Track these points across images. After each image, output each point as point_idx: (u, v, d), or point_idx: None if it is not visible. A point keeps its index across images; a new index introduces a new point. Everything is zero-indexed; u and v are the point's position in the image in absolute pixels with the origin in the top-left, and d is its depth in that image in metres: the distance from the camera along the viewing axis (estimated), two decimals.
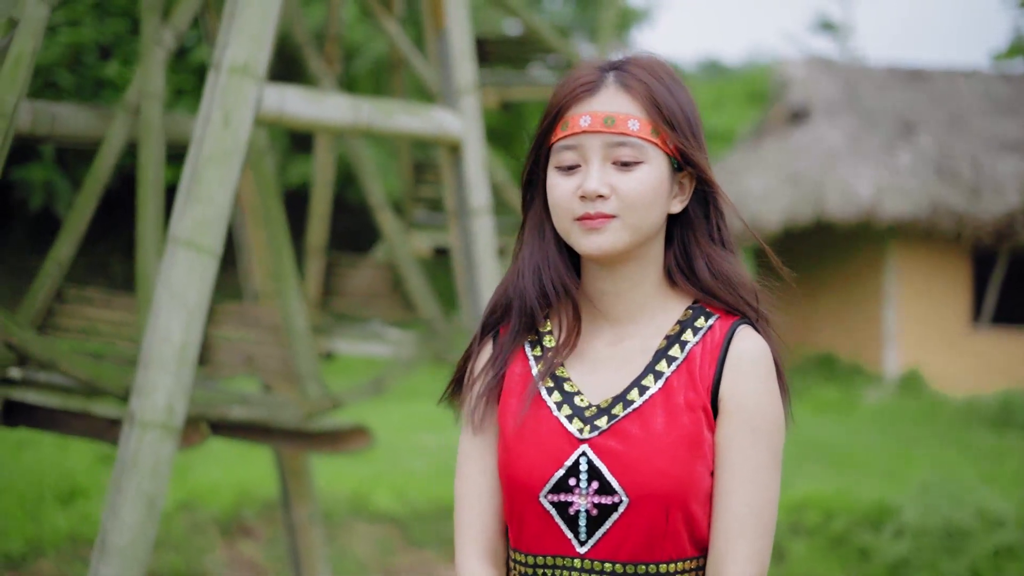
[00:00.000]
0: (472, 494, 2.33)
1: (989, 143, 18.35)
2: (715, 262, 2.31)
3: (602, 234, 2.22)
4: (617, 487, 2.18)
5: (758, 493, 2.20)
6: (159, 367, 4.32)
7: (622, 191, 2.21)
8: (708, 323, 2.28)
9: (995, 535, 8.73)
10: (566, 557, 2.22)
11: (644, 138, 2.22)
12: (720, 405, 2.23)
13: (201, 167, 4.45)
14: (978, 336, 18.12)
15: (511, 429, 2.27)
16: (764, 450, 2.22)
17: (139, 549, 4.26)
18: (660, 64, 2.29)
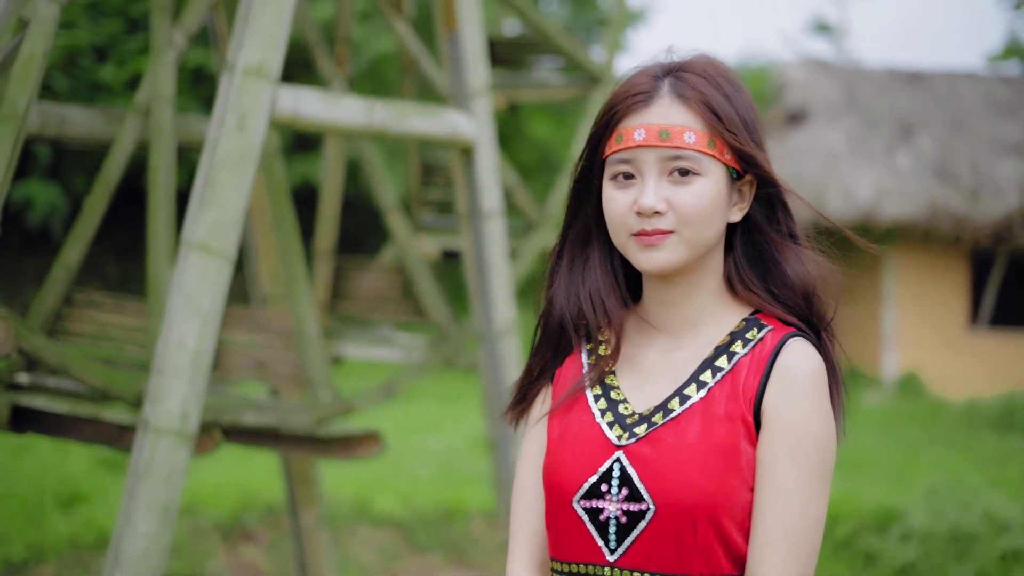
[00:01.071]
0: (524, 501, 2.32)
1: (988, 145, 18.35)
2: (788, 262, 2.26)
3: (659, 251, 2.18)
4: (645, 494, 2.14)
5: (793, 513, 2.13)
6: (173, 373, 4.25)
7: (679, 206, 2.16)
8: (760, 335, 2.23)
9: (1002, 539, 8.68)
10: (597, 565, 2.19)
11: (700, 151, 2.17)
12: (762, 419, 2.17)
13: (215, 170, 4.38)
14: (976, 338, 18.11)
15: (555, 435, 2.25)
16: (805, 469, 2.14)
17: (153, 558, 4.19)
18: (716, 68, 2.24)
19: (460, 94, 5.67)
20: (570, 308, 2.31)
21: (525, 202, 7.36)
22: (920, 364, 17.58)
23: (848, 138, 18.30)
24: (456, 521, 9.48)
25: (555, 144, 19.89)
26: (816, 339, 2.25)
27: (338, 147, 7.32)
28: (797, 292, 2.26)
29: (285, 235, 5.46)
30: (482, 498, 9.66)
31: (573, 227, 2.33)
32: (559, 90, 7.95)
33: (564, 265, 2.33)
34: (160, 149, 4.86)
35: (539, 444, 2.31)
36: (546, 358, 2.35)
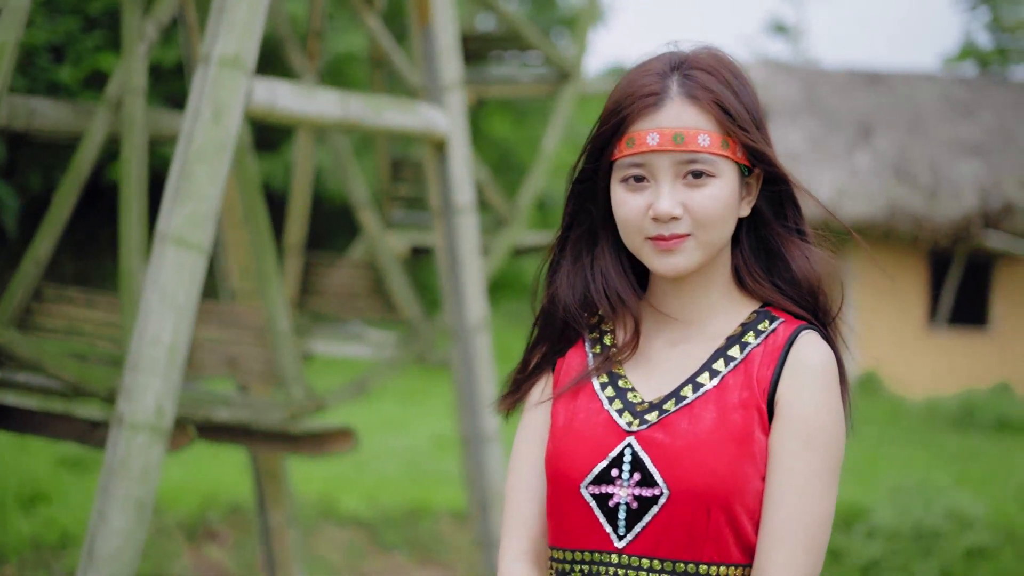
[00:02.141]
0: (520, 490, 2.28)
1: (946, 146, 18.47)
2: (793, 258, 2.25)
3: (677, 255, 2.16)
4: (658, 479, 2.12)
5: (805, 504, 2.10)
6: (148, 368, 4.20)
7: (695, 209, 2.14)
8: (772, 326, 2.21)
9: (966, 536, 8.74)
10: (604, 552, 2.16)
11: (715, 153, 2.14)
12: (776, 409, 2.15)
13: (190, 162, 4.33)
14: (935, 337, 18.23)
15: (561, 422, 2.22)
16: (817, 461, 2.13)
17: (128, 556, 4.13)
18: (722, 61, 2.21)
19: (433, 88, 5.64)
20: (575, 300, 2.28)
21: (495, 198, 7.32)
22: (880, 363, 17.68)
23: (808, 138, 18.38)
24: (423, 520, 9.45)
25: (516, 143, 19.86)
26: (823, 333, 2.24)
27: (308, 142, 7.27)
28: (803, 287, 2.25)
29: (257, 230, 5.40)
30: (448, 497, 9.63)
31: (575, 227, 2.30)
32: (528, 86, 7.93)
33: (567, 261, 2.30)
34: (131, 142, 4.79)
35: (539, 432, 2.28)
36: (544, 351, 2.32)
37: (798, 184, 2.25)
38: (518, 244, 7.48)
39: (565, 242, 2.31)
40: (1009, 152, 18.55)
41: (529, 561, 2.26)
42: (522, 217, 7.32)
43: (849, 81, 19.70)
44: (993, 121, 19.19)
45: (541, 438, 2.28)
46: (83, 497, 8.86)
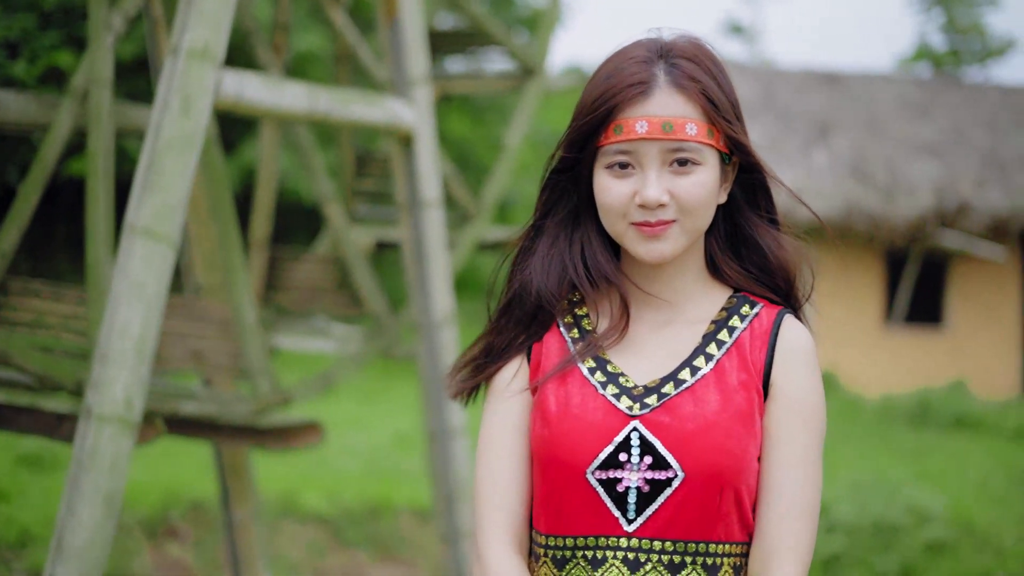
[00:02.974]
0: (499, 478, 2.26)
1: (903, 146, 18.62)
2: (766, 245, 2.29)
3: (662, 241, 2.19)
4: (672, 461, 2.14)
5: (807, 481, 2.18)
6: (117, 360, 4.17)
7: (680, 196, 2.17)
8: (754, 311, 2.27)
9: (925, 531, 8.81)
10: (611, 536, 2.16)
11: (702, 141, 2.17)
12: (771, 391, 2.21)
13: (159, 154, 4.31)
14: (891, 336, 18.36)
15: (554, 407, 2.21)
16: (813, 440, 2.20)
17: (97, 549, 4.11)
18: (703, 50, 2.24)
19: (400, 83, 5.64)
20: (550, 283, 2.28)
21: (460, 194, 7.32)
22: (836, 361, 17.78)
23: (765, 138, 18.47)
24: (383, 517, 9.43)
25: (474, 143, 19.86)
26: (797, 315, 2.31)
27: (273, 138, 7.25)
28: (777, 273, 2.30)
29: (223, 223, 5.38)
30: (409, 495, 9.63)
31: (552, 214, 2.31)
32: (493, 81, 7.94)
33: (542, 247, 2.30)
34: (98, 134, 4.76)
35: (517, 419, 2.26)
36: (513, 337, 2.31)
37: (771, 174, 2.28)
38: (483, 239, 7.49)
39: (540, 229, 2.31)
40: (964, 152, 18.72)
41: (513, 548, 2.25)
42: (487, 212, 7.33)
43: (806, 81, 19.82)
44: (948, 121, 19.36)
45: (518, 425, 2.26)
46: (43, 496, 8.80)
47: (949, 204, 17.96)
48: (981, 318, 18.64)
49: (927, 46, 26.28)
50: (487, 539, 2.25)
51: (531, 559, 2.27)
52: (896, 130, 18.92)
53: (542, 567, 2.23)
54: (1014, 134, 19.26)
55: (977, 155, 18.69)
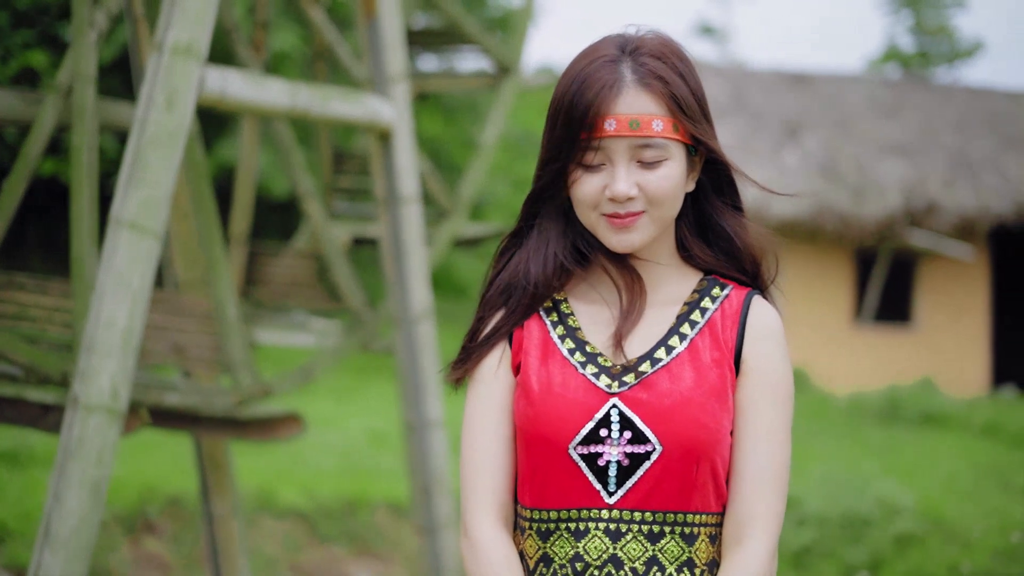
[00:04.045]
0: (484, 457, 2.36)
1: (872, 146, 18.78)
2: (732, 230, 2.41)
3: (632, 232, 2.30)
4: (650, 435, 2.25)
5: (777, 452, 2.30)
6: (103, 351, 4.25)
7: (649, 189, 2.28)
8: (724, 292, 2.39)
9: (895, 523, 8.93)
10: (593, 509, 2.27)
11: (667, 137, 2.28)
12: (742, 368, 2.32)
13: (144, 149, 4.39)
14: (860, 334, 18.52)
15: (537, 387, 2.31)
16: (782, 413, 2.32)
17: (84, 537, 4.18)
18: (670, 47, 2.34)
19: (379, 80, 5.73)
20: (547, 271, 2.39)
21: (437, 190, 7.41)
22: (806, 359, 17.92)
23: (735, 138, 18.60)
24: (359, 512, 9.51)
25: (447, 142, 19.93)
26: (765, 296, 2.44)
27: (253, 134, 7.32)
28: (743, 257, 2.42)
29: (205, 219, 5.45)
30: (384, 490, 9.70)
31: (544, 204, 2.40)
32: (468, 80, 8.03)
33: (535, 238, 2.40)
34: (82, 129, 4.83)
35: (501, 400, 2.37)
36: (498, 323, 2.41)
37: (735, 168, 2.40)
38: (459, 235, 7.58)
39: (531, 219, 2.42)
40: (933, 152, 18.90)
41: (499, 523, 2.34)
42: (464, 209, 7.42)
43: (776, 82, 19.97)
44: (917, 122, 19.54)
45: (502, 406, 2.36)
46: (19, 491, 8.84)
47: (918, 204, 18.14)
48: (949, 316, 18.82)
49: (896, 47, 26.50)
50: (474, 516, 2.34)
51: (516, 532, 2.37)
52: (865, 130, 19.08)
53: (527, 540, 2.33)
54: (982, 135, 19.45)
55: (945, 155, 18.87)
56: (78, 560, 4.16)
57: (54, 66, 12.42)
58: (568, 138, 2.30)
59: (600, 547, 2.26)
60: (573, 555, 2.27)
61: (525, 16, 7.92)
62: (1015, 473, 11.02)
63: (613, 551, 2.25)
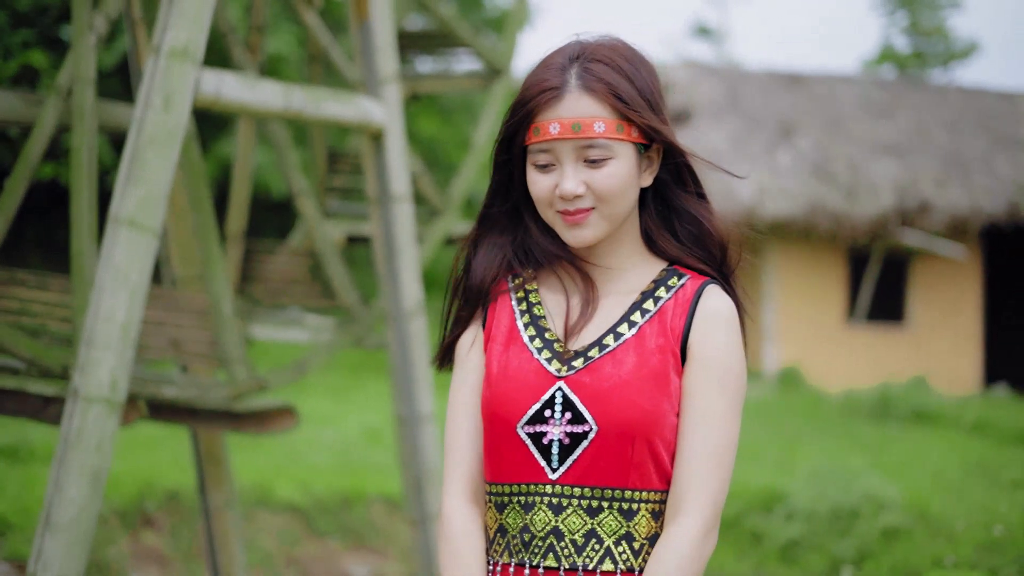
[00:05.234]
0: (459, 435, 2.57)
1: (865, 146, 18.90)
2: (700, 215, 2.55)
3: (583, 228, 2.46)
4: (588, 416, 2.42)
5: (717, 435, 2.44)
6: (103, 345, 4.39)
7: (595, 187, 2.44)
8: (680, 282, 2.52)
9: (882, 517, 9.06)
10: (539, 484, 2.45)
11: (610, 137, 2.43)
12: (688, 353, 2.46)
13: (141, 149, 4.53)
14: (853, 333, 18.65)
15: (496, 370, 2.50)
16: (726, 398, 2.45)
17: (84, 523, 4.33)
18: (618, 51, 2.48)
19: (371, 82, 5.87)
20: (494, 268, 2.58)
21: (429, 189, 7.56)
22: (800, 358, 18.06)
23: (730, 138, 18.73)
24: (355, 507, 9.65)
25: (443, 142, 20.07)
26: (725, 285, 2.56)
27: (249, 135, 7.46)
28: (709, 244, 2.56)
29: (201, 216, 5.60)
30: (380, 485, 9.84)
31: (499, 203, 2.59)
32: (461, 81, 8.18)
33: (490, 236, 2.60)
34: (82, 130, 4.97)
35: (472, 379, 2.57)
36: (474, 307, 2.60)
37: (693, 154, 2.54)
38: (450, 233, 7.73)
39: (487, 219, 2.60)
40: (925, 152, 19.03)
41: (468, 499, 2.54)
42: (455, 207, 7.57)
43: (770, 82, 20.10)
44: (910, 122, 19.67)
45: (474, 388, 2.56)
46: (19, 486, 8.97)
47: (910, 203, 18.28)
48: (942, 315, 18.96)
49: (891, 48, 26.60)
50: (446, 491, 2.55)
51: None
52: (859, 130, 19.21)
53: (489, 511, 2.53)
54: (974, 135, 19.58)
55: (938, 155, 19.01)
56: (78, 546, 4.31)
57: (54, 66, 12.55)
58: (515, 136, 2.48)
59: (544, 519, 2.43)
60: (522, 526, 2.45)
61: (517, 18, 8.07)
62: (1002, 469, 11.16)
63: (555, 524, 2.43)
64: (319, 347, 6.27)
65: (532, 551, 2.44)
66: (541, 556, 2.43)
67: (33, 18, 15.15)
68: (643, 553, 2.43)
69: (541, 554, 2.43)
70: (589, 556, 2.42)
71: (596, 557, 2.42)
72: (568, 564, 2.42)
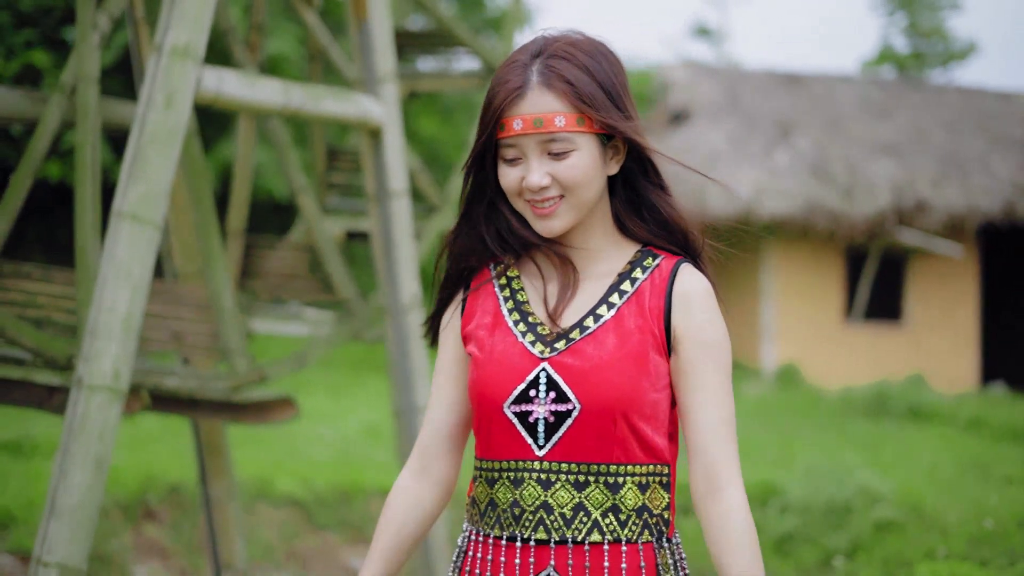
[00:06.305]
0: (428, 414, 2.74)
1: (862, 146, 19.00)
2: (657, 206, 2.68)
3: (552, 219, 2.60)
4: (571, 396, 2.54)
5: (725, 407, 2.59)
6: (106, 335, 4.51)
7: (559, 177, 2.57)
8: (655, 262, 2.65)
9: (875, 511, 9.16)
10: (527, 460, 2.58)
11: (571, 130, 2.55)
12: (676, 336, 2.60)
13: (144, 146, 4.65)
14: (851, 331, 18.75)
15: (482, 353, 2.63)
16: (721, 372, 2.60)
17: (88, 509, 4.45)
18: (578, 46, 2.61)
19: (369, 80, 5.99)
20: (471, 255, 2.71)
21: (426, 186, 7.68)
22: (798, 356, 18.16)
23: (729, 138, 18.84)
24: (354, 501, 9.76)
25: (443, 142, 20.20)
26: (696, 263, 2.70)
27: (250, 131, 7.58)
28: (672, 229, 2.69)
29: (202, 212, 5.72)
30: (378, 480, 9.96)
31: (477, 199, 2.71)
32: (459, 80, 8.31)
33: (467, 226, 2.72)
34: (86, 128, 5.09)
35: (451, 353, 2.72)
36: (445, 296, 2.75)
37: (650, 147, 2.65)
38: (447, 229, 7.83)
39: (467, 216, 2.73)
40: (923, 152, 19.14)
41: (414, 474, 2.71)
42: (452, 203, 7.69)
43: (769, 82, 20.21)
44: (908, 122, 19.77)
45: (445, 370, 2.72)
46: (22, 480, 9.09)
47: (908, 203, 18.39)
48: (939, 314, 19.07)
49: (891, 49, 26.69)
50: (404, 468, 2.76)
51: (472, 479, 2.71)
52: (856, 130, 19.32)
53: (479, 486, 2.66)
54: (971, 135, 19.69)
55: (935, 155, 19.11)
56: (82, 529, 4.43)
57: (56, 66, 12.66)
58: (487, 137, 2.60)
59: (534, 494, 2.56)
60: (512, 501, 2.58)
61: (514, 19, 8.19)
62: (996, 465, 11.27)
63: (544, 498, 2.56)
64: (318, 340, 6.39)
65: (523, 525, 2.57)
66: (532, 529, 2.56)
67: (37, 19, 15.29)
68: (629, 524, 2.56)
69: (532, 527, 2.56)
70: (578, 528, 2.54)
71: (584, 529, 2.55)
72: (558, 536, 2.55)
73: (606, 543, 2.55)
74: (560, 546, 2.55)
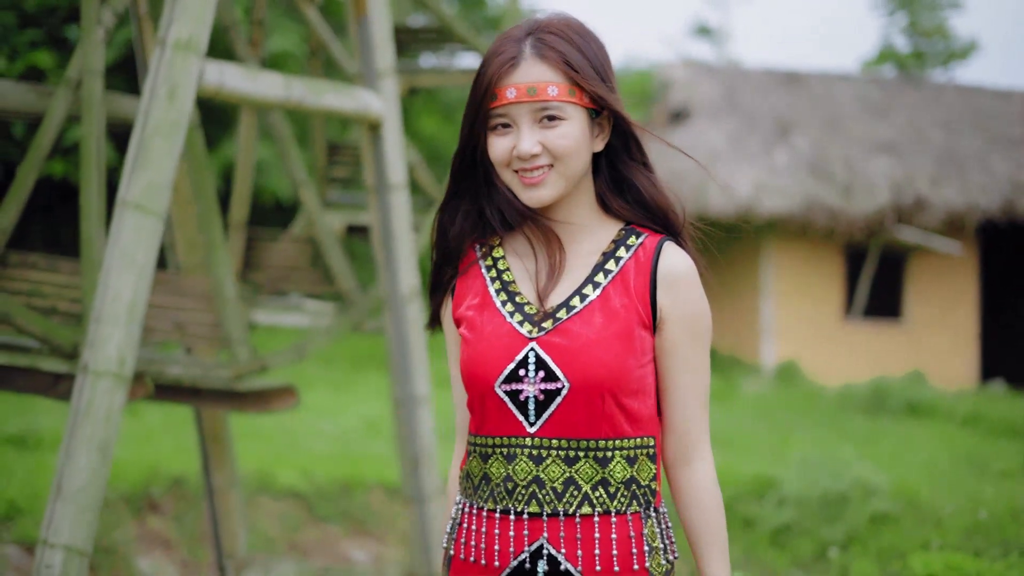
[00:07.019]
0: (456, 403, 2.86)
1: (861, 144, 19.07)
2: (641, 184, 2.77)
3: (541, 188, 2.68)
4: (560, 374, 2.64)
5: (701, 382, 2.73)
6: (111, 322, 4.62)
7: (550, 145, 2.65)
8: (639, 241, 2.74)
9: (871, 503, 9.25)
10: (519, 437, 2.68)
11: (562, 100, 2.64)
12: (662, 315, 2.70)
13: (147, 138, 4.76)
14: (850, 328, 18.82)
15: (472, 334, 2.73)
16: (701, 347, 2.73)
17: (93, 492, 4.55)
18: (569, 24, 2.71)
19: (369, 74, 6.09)
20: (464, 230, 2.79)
21: (425, 180, 7.78)
22: (797, 353, 18.23)
23: (728, 136, 18.92)
24: (355, 494, 9.86)
25: (443, 140, 20.30)
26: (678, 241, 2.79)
27: (251, 125, 7.68)
28: (652, 207, 2.78)
29: (205, 203, 5.81)
30: (379, 473, 10.06)
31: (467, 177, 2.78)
32: (457, 76, 8.41)
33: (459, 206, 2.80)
34: (91, 121, 5.19)
35: (453, 339, 2.82)
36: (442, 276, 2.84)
37: (636, 124, 2.75)
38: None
39: (456, 188, 2.81)
40: (921, 150, 19.21)
41: (461, 457, 2.84)
42: None
43: (768, 81, 20.29)
44: (906, 120, 19.85)
45: (454, 351, 2.82)
46: (27, 472, 9.19)
47: (907, 200, 18.46)
48: (938, 311, 19.14)
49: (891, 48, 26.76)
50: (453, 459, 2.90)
51: (467, 453, 2.80)
52: (855, 129, 19.39)
53: (473, 460, 2.76)
54: (970, 133, 19.77)
55: (934, 153, 19.18)
56: (87, 512, 4.53)
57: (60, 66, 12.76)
58: (479, 108, 2.68)
59: (526, 469, 2.67)
60: (505, 475, 2.68)
61: (512, 17, 8.30)
62: (993, 459, 11.37)
63: (536, 473, 2.66)
64: (318, 331, 6.49)
65: (516, 498, 2.67)
66: (525, 503, 2.66)
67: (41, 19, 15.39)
68: (618, 496, 2.66)
69: (524, 501, 2.66)
70: (568, 502, 2.64)
71: (575, 502, 2.65)
72: (550, 509, 2.65)
73: (596, 515, 2.65)
74: (552, 519, 2.65)
